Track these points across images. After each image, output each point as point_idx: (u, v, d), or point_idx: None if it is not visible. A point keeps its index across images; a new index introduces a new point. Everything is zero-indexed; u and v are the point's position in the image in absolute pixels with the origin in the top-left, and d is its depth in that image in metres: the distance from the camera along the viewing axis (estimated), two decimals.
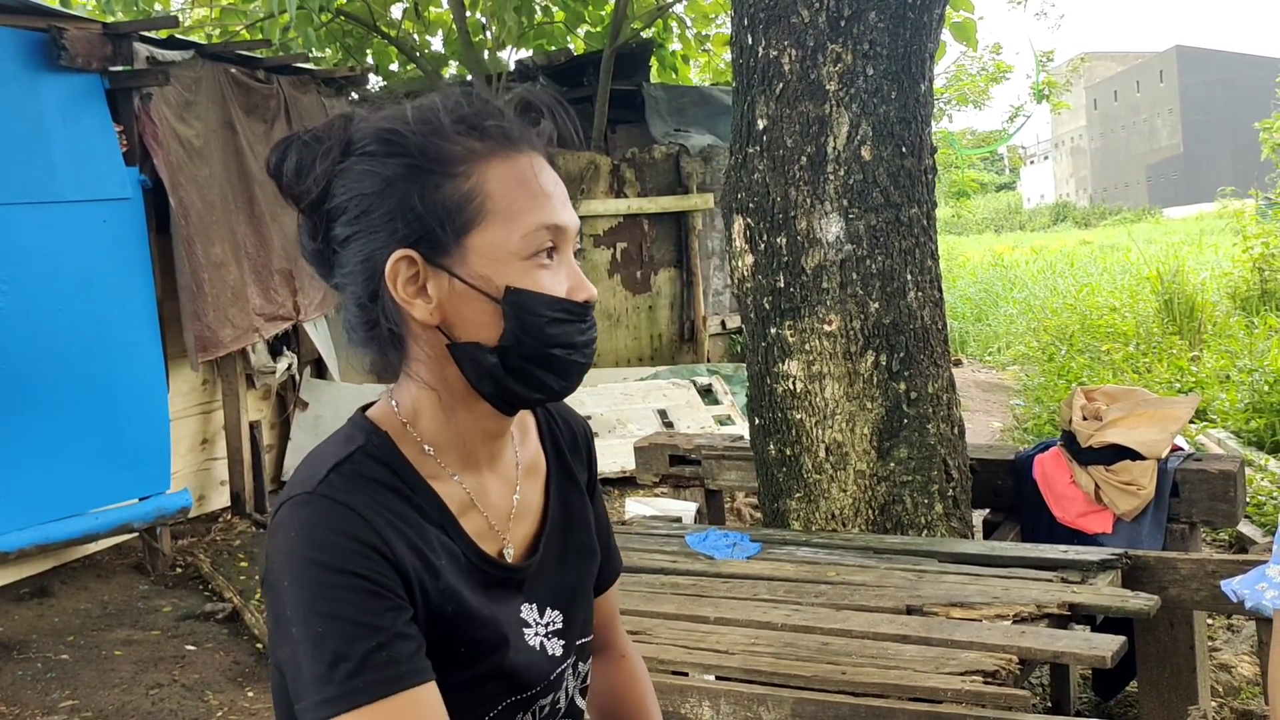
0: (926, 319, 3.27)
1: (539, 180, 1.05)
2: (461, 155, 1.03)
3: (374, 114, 1.06)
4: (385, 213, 1.02)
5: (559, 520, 1.20)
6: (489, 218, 1.02)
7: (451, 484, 1.09)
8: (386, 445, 1.06)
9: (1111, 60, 71.86)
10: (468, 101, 1.06)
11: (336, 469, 1.03)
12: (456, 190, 1.02)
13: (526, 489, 1.17)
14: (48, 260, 4.64)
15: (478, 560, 1.08)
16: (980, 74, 25.10)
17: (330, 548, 0.97)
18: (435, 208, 1.02)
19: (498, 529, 1.12)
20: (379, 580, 0.97)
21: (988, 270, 19.15)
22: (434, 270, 1.03)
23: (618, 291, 9.04)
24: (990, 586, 2.60)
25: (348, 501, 1.00)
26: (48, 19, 4.85)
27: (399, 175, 1.02)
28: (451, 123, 1.04)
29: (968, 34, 9.00)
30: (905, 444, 3.22)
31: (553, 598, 1.16)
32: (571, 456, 1.25)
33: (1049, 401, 8.16)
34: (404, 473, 1.06)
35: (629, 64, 10.00)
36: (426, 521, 1.05)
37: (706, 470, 3.99)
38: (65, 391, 4.68)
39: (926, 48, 3.23)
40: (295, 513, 1.00)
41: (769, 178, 3.24)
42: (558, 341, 1.04)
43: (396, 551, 0.99)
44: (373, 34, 9.96)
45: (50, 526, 4.61)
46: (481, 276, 1.02)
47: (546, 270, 1.04)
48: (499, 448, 1.13)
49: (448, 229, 1.02)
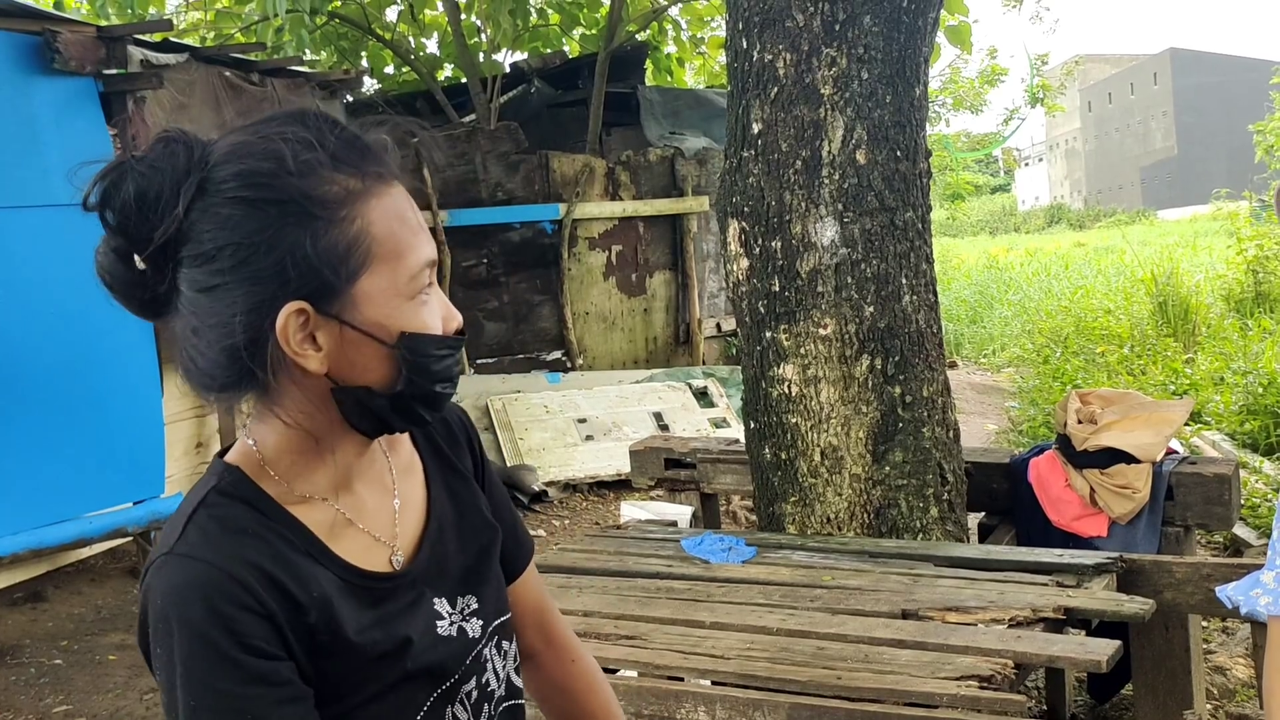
0: (921, 322, 3.27)
1: (413, 213, 1.02)
2: (341, 196, 0.97)
3: (225, 146, 0.98)
4: (271, 264, 0.95)
5: (447, 511, 1.19)
6: (375, 262, 0.98)
7: (321, 508, 1.06)
8: (241, 480, 1.03)
9: (1105, 63, 72.01)
10: (332, 132, 1.00)
11: (193, 520, 1.00)
12: (344, 235, 0.97)
13: (406, 489, 1.16)
14: (41, 263, 4.63)
15: (357, 579, 1.06)
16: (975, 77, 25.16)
17: (196, 615, 0.94)
18: (324, 256, 0.96)
19: (383, 539, 1.11)
20: (249, 640, 0.95)
21: (983, 272, 19.18)
22: (324, 320, 0.98)
23: (613, 294, 9.03)
24: (986, 590, 2.60)
25: (207, 558, 0.97)
26: (42, 22, 4.85)
27: (282, 224, 0.95)
28: (321, 159, 0.97)
29: (963, 38, 9.01)
30: (900, 448, 3.22)
31: (460, 585, 1.16)
32: (451, 448, 1.23)
33: (1044, 404, 8.17)
34: (263, 506, 1.02)
35: (624, 67, 10.00)
36: (294, 552, 1.02)
37: (702, 474, 3.99)
38: (59, 395, 4.67)
39: (921, 52, 3.23)
40: (158, 578, 0.97)
41: (764, 181, 3.24)
42: (442, 378, 1.03)
43: (263, 600, 0.97)
44: (367, 37, 9.95)
45: (44, 531, 4.60)
46: (374, 323, 0.99)
47: (426, 306, 1.02)
48: (367, 461, 1.11)
49: (338, 277, 0.97)
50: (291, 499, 1.04)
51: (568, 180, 8.66)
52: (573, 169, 8.70)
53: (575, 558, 3.16)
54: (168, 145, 0.99)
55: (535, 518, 6.37)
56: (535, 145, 8.76)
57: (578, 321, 8.84)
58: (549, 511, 6.52)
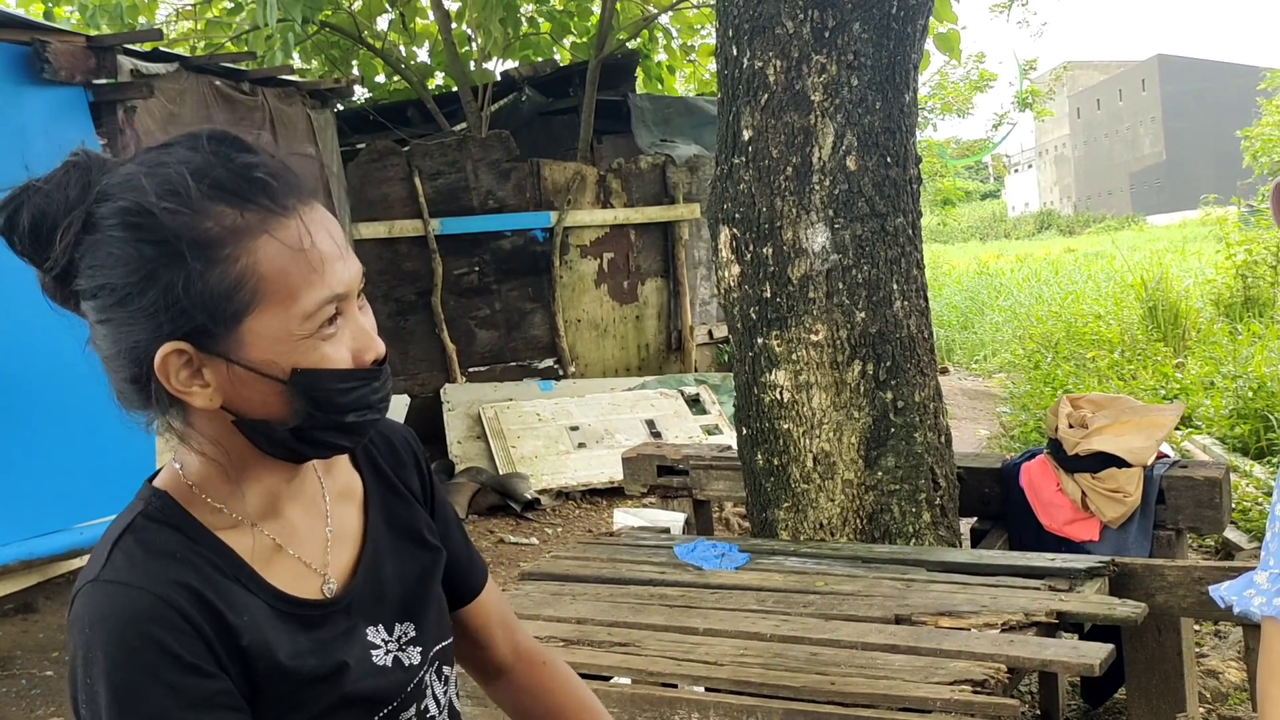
0: (913, 328, 3.28)
1: (314, 244, 0.96)
2: (223, 235, 0.93)
3: (118, 176, 0.95)
4: (145, 305, 0.93)
5: (384, 538, 1.16)
6: (264, 301, 0.94)
7: (250, 534, 1.04)
8: (168, 505, 1.01)
9: (1094, 69, 72.36)
10: (221, 162, 0.95)
11: (118, 544, 0.98)
12: (226, 275, 0.93)
13: (340, 515, 1.13)
14: (29, 273, 4.61)
15: (286, 606, 1.04)
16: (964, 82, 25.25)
17: (125, 641, 0.92)
18: (202, 298, 0.93)
19: (314, 566, 1.09)
20: (184, 659, 0.93)
21: (973, 278, 19.23)
22: (209, 358, 0.96)
23: (604, 302, 9.04)
24: (978, 595, 2.61)
25: (133, 582, 0.95)
26: (31, 32, 4.84)
27: (158, 264, 0.92)
28: (204, 192, 0.93)
29: (951, 45, 9.04)
30: (892, 453, 3.22)
31: (398, 612, 1.14)
32: (395, 470, 1.21)
33: (1035, 409, 8.19)
34: (191, 531, 1.01)
35: (615, 75, 10.02)
36: (223, 578, 1.00)
37: (694, 480, 3.99)
38: (49, 406, 4.66)
39: (910, 58, 3.24)
40: (85, 605, 0.95)
41: (755, 188, 3.25)
42: (351, 408, 1.00)
43: (193, 620, 0.95)
44: (358, 46, 9.95)
45: (34, 542, 4.58)
46: (263, 361, 0.96)
47: (330, 341, 0.98)
48: (298, 486, 1.09)
49: (218, 319, 0.94)
50: (220, 525, 1.02)
51: (559, 188, 8.67)
52: (564, 177, 8.70)
53: (568, 565, 3.16)
54: (66, 172, 0.97)
55: (528, 526, 6.37)
56: (526, 153, 8.77)
57: (569, 329, 8.84)
58: (542, 519, 6.52)
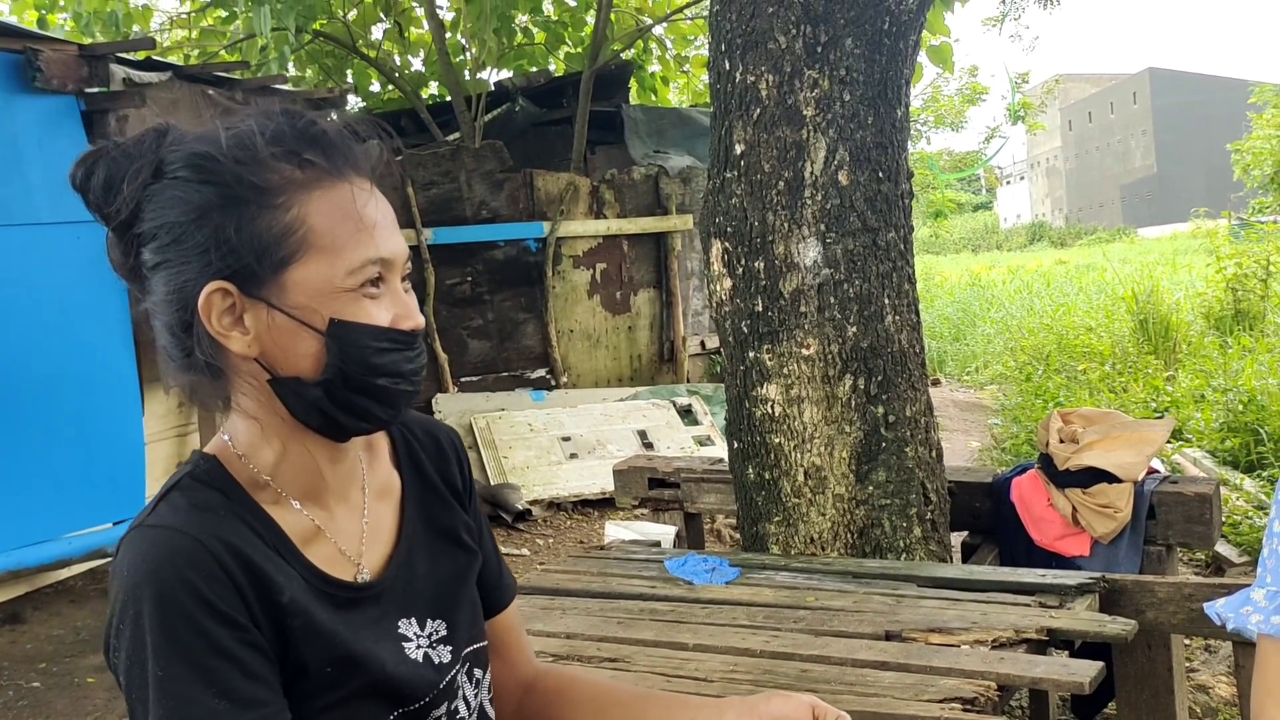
0: (904, 342, 3.28)
1: (364, 210, 1.02)
2: (280, 185, 1.00)
3: (189, 133, 1.03)
4: (198, 243, 0.99)
5: (419, 536, 1.18)
6: (311, 252, 1.00)
7: (293, 512, 1.07)
8: (215, 470, 1.05)
9: (1086, 82, 72.69)
10: (289, 125, 1.03)
11: (165, 498, 1.02)
12: (276, 222, 0.99)
13: (377, 512, 1.15)
14: (21, 282, 4.61)
15: (321, 584, 1.06)
16: (957, 95, 25.35)
17: (166, 582, 0.94)
18: (252, 240, 0.99)
19: (349, 554, 1.10)
20: (218, 607, 0.95)
21: (965, 290, 19.28)
22: (251, 301, 1.00)
23: (597, 312, 9.04)
24: (969, 611, 2.60)
25: (176, 526, 0.98)
26: (23, 40, 4.84)
27: (213, 204, 0.99)
28: (270, 148, 1.01)
29: (944, 58, 9.08)
30: (883, 467, 3.22)
31: (430, 607, 1.15)
32: (436, 467, 1.22)
33: (1026, 421, 8.20)
34: (235, 496, 1.03)
35: (608, 85, 10.03)
36: (263, 544, 1.02)
37: (686, 493, 3.98)
38: (39, 414, 4.64)
39: (903, 73, 3.25)
40: (128, 548, 0.98)
41: (747, 202, 3.25)
42: (384, 371, 1.03)
43: (231, 572, 0.97)
44: (352, 55, 9.95)
45: (22, 552, 4.57)
46: (304, 308, 1.00)
47: (372, 300, 1.02)
48: (342, 472, 1.11)
49: (265, 262, 0.99)
50: (264, 498, 1.05)
51: (552, 198, 8.67)
52: (557, 187, 8.71)
53: (558, 579, 3.15)
54: (145, 134, 1.04)
55: (519, 537, 6.35)
56: (520, 163, 8.78)
57: (562, 339, 8.83)
58: (533, 530, 6.50)
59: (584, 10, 10.26)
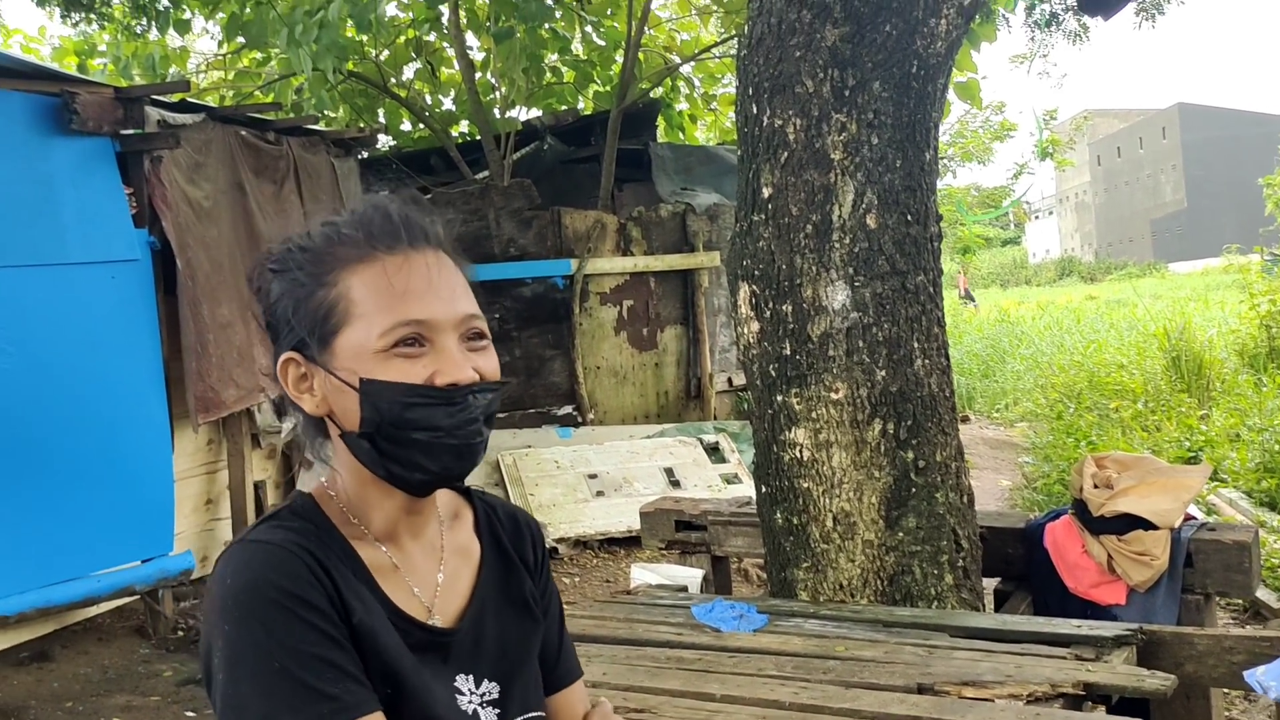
0: (934, 386, 3.25)
1: (403, 279, 1.13)
2: (332, 266, 1.14)
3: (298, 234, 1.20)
4: (278, 322, 1.17)
5: (492, 598, 1.24)
6: (351, 320, 1.12)
7: (375, 550, 1.17)
8: (309, 506, 1.17)
9: (1114, 117, 72.43)
10: (358, 214, 1.18)
11: (264, 522, 1.14)
12: (325, 298, 1.13)
13: (455, 568, 1.23)
14: (55, 321, 4.65)
15: (399, 620, 1.14)
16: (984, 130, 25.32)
17: (264, 583, 1.05)
18: (307, 316, 1.14)
19: (424, 599, 1.18)
20: (315, 604, 1.05)
21: (994, 326, 19.15)
22: (313, 368, 1.15)
23: (624, 349, 9.04)
24: (1003, 664, 2.55)
25: (274, 540, 1.09)
26: (60, 84, 4.92)
27: (285, 291, 1.16)
28: (335, 238, 1.16)
29: (971, 94, 9.08)
30: (914, 513, 3.18)
31: (489, 669, 1.20)
32: (513, 540, 1.30)
33: (1058, 460, 8.10)
34: (325, 530, 1.14)
35: (636, 123, 10.09)
36: (349, 572, 1.12)
37: (713, 536, 3.95)
38: (70, 453, 4.66)
39: (931, 116, 3.24)
40: (226, 558, 1.09)
41: (774, 245, 3.24)
42: (417, 425, 1.10)
43: (321, 580, 1.08)
44: (384, 94, 10.07)
45: (52, 589, 4.57)
46: (347, 370, 1.12)
47: (408, 360, 1.11)
48: (420, 525, 1.21)
49: (318, 333, 1.13)
50: (351, 534, 1.16)
51: (580, 236, 8.70)
52: (585, 225, 8.74)
53: (584, 624, 3.12)
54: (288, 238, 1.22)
55: None
56: (548, 201, 8.82)
57: (589, 376, 8.83)
58: (560, 569, 6.47)
59: (613, 50, 10.34)
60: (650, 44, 10.48)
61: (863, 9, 3.12)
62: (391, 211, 1.17)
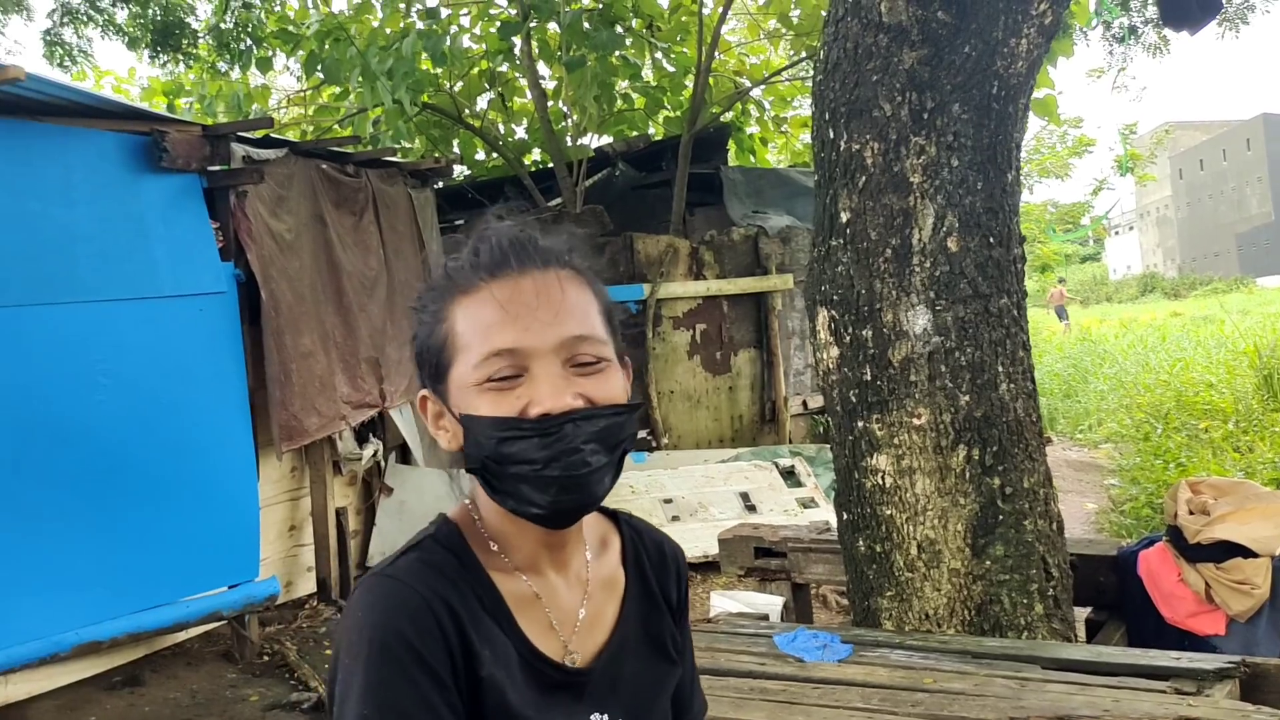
0: (1020, 411, 3.18)
1: (498, 307, 1.09)
2: (446, 302, 1.13)
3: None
4: (413, 359, 1.18)
5: (633, 635, 1.21)
6: (457, 354, 1.11)
7: (517, 580, 1.14)
8: (454, 536, 1.14)
9: (1196, 129, 70.73)
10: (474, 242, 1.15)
11: (406, 554, 1.12)
12: (438, 335, 1.13)
13: (599, 601, 1.19)
14: (146, 353, 4.79)
15: (533, 659, 1.11)
16: (1061, 146, 24.90)
17: (388, 629, 1.04)
18: (428, 353, 1.15)
19: (562, 633, 1.15)
20: (430, 664, 1.03)
21: (1075, 344, 18.74)
22: (441, 405, 1.14)
23: (697, 373, 9.02)
24: (1099, 697, 2.48)
25: (407, 580, 1.08)
26: (151, 123, 5.08)
27: (417, 329, 1.17)
28: (453, 272, 1.14)
29: (1049, 110, 8.93)
30: (1001, 541, 3.11)
31: (625, 709, 1.17)
32: (657, 576, 1.26)
33: (1146, 483, 7.88)
34: (467, 562, 1.12)
35: (707, 147, 10.11)
36: (484, 611, 1.10)
37: (793, 563, 3.91)
38: (160, 481, 4.79)
39: (1012, 137, 3.19)
40: (363, 590, 1.09)
41: (853, 270, 3.21)
42: (514, 459, 1.06)
43: (448, 634, 1.06)
44: (458, 125, 10.23)
45: (143, 615, 4.68)
46: (456, 406, 1.11)
47: (503, 392, 1.07)
48: (564, 557, 1.17)
49: (438, 370, 1.13)
50: (491, 564, 1.14)
51: (652, 261, 8.73)
52: (657, 250, 8.77)
53: None
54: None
55: None
56: (620, 227, 8.87)
57: (663, 400, 8.83)
58: None
59: (683, 75, 10.38)
60: (720, 68, 10.50)
61: (941, 31, 3.09)
62: (497, 237, 1.14)
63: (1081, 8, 9.01)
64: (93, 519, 4.54)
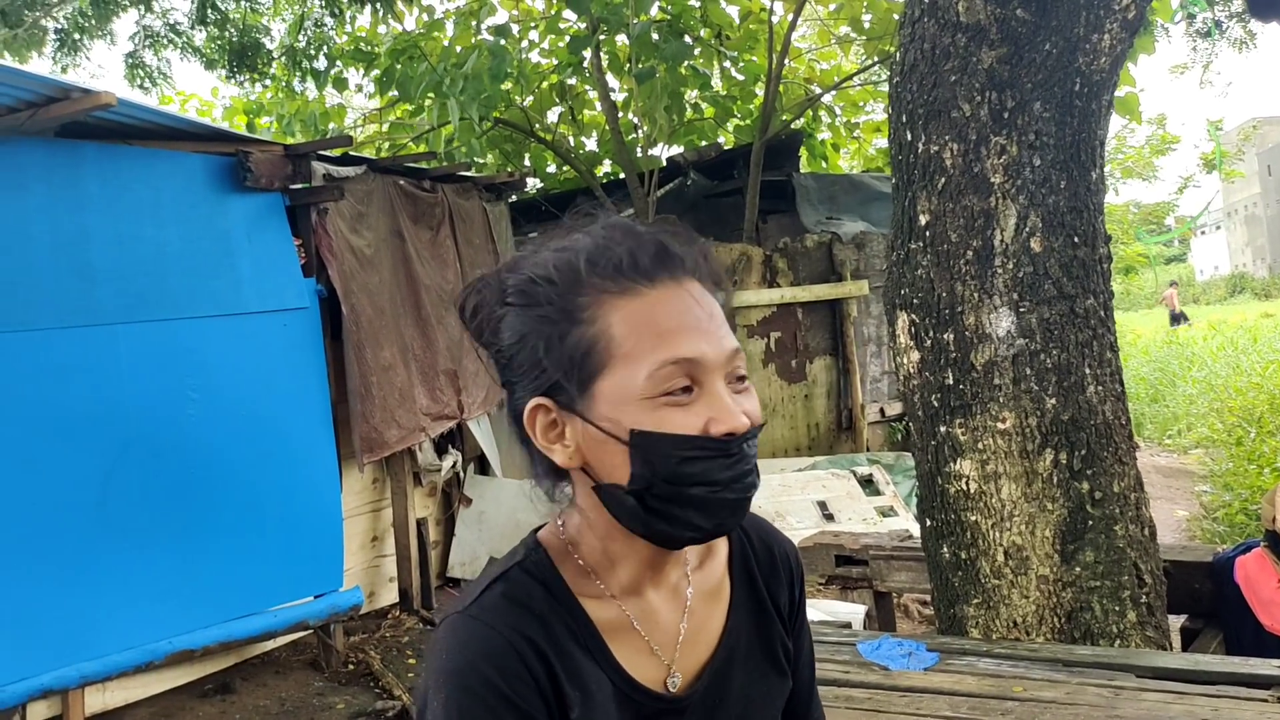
0: (1108, 414, 3.11)
1: (669, 314, 1.01)
2: (587, 302, 1.01)
3: (529, 259, 1.07)
4: (522, 363, 1.03)
5: (740, 648, 1.14)
6: (613, 362, 0.99)
7: (610, 606, 1.07)
8: (544, 563, 1.07)
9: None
10: (605, 240, 1.04)
11: (490, 588, 1.05)
12: (582, 338, 1.00)
13: (702, 613, 1.12)
14: (233, 368, 4.91)
15: (628, 689, 1.05)
16: (1144, 144, 24.30)
17: (472, 673, 0.98)
18: (561, 357, 1.01)
19: (662, 655, 1.08)
20: (518, 706, 0.98)
21: (1162, 347, 18.25)
22: (568, 416, 1.02)
23: (773, 381, 8.97)
24: (1198, 706, 2.40)
25: (492, 623, 1.01)
26: (235, 144, 5.22)
27: (530, 328, 1.03)
28: (587, 268, 1.02)
29: (1130, 108, 8.74)
30: (1091, 546, 3.04)
31: None
32: (768, 581, 1.19)
33: (1239, 489, 7.64)
34: (558, 591, 1.05)
35: (778, 155, 10.07)
36: (575, 645, 1.04)
37: (875, 571, 3.86)
38: (248, 493, 4.90)
39: (1096, 135, 3.13)
40: (446, 632, 1.03)
41: (933, 273, 3.17)
42: (695, 480, 0.98)
43: (537, 676, 1.00)
44: (530, 139, 10.33)
45: (232, 624, 4.80)
46: (609, 420, 1.00)
47: (680, 408, 0.99)
48: (664, 574, 1.10)
49: (574, 377, 1.01)
50: (584, 590, 1.07)
51: (725, 269, 8.70)
52: (730, 258, 8.75)
53: None
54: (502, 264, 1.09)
55: None
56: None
57: None
58: None
59: (752, 83, 10.37)
60: (791, 75, 10.46)
61: (1020, 29, 3.04)
62: (648, 238, 1.04)
63: (1163, 3, 8.80)
64: (184, 531, 4.67)
